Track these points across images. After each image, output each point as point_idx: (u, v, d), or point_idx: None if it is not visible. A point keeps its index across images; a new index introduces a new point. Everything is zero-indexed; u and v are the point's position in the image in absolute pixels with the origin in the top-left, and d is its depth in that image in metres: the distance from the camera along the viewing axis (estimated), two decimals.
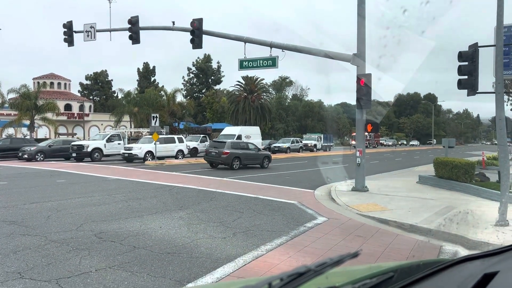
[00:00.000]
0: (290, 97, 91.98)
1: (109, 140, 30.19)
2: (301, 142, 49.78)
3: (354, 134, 67.86)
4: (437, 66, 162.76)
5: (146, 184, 15.24)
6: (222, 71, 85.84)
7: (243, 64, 17.37)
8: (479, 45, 9.32)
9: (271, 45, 16.08)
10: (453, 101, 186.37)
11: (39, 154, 28.44)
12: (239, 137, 36.79)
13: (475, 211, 9.88)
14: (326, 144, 55.42)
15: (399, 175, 20.83)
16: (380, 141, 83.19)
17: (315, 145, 51.74)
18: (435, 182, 15.26)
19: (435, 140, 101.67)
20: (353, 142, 65.05)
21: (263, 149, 41.11)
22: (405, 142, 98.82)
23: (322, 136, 56.63)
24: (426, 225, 8.39)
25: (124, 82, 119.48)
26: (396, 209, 10.44)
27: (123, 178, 17.15)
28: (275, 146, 44.56)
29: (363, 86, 13.17)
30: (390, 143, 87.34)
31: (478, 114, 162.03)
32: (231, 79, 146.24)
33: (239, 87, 64.68)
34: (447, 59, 25.69)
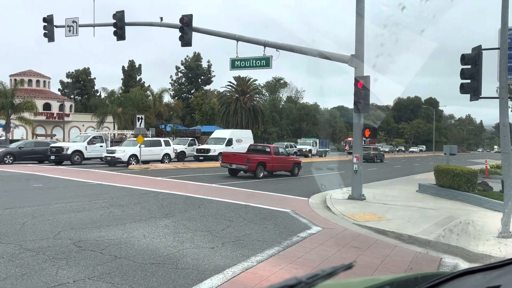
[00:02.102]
0: (285, 99, 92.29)
1: (91, 142, 30.00)
2: (295, 147, 49.88)
3: (348, 139, 68.51)
4: (439, 69, 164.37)
5: (129, 189, 15.15)
6: (213, 71, 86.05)
7: (235, 63, 17.38)
8: (482, 47, 9.43)
9: (265, 44, 16.13)
10: (456, 106, 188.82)
11: (7, 157, 28.06)
12: (230, 141, 36.79)
13: (477, 222, 9.96)
14: (321, 149, 55.61)
15: (398, 183, 20.95)
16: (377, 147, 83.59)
17: (310, 151, 51.84)
18: (436, 191, 15.37)
19: (423, 146, 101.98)
20: (347, 148, 65.65)
21: None
22: (403, 149, 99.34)
23: (317, 141, 56.83)
24: (425, 236, 8.44)
25: (108, 80, 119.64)
26: (394, 219, 10.48)
27: (105, 183, 17.03)
28: None
29: (361, 88, 13.25)
30: (387, 149, 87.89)
31: (482, 120, 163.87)
32: (222, 79, 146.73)
33: (230, 88, 64.73)
34: (449, 62, 26.07)
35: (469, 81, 9.51)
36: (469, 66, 9.50)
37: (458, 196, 13.95)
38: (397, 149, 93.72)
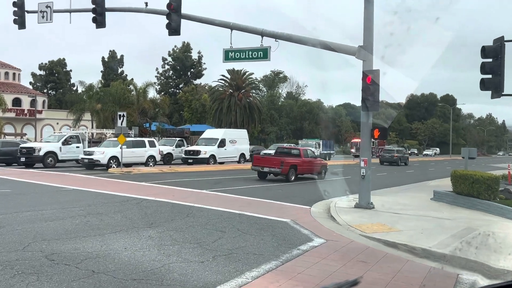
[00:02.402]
0: (284, 95, 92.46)
1: (66, 142, 29.92)
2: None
3: (354, 140, 68.65)
4: (456, 63, 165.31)
5: (109, 196, 15.10)
6: (204, 63, 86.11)
7: (229, 55, 17.37)
8: (505, 39, 9.48)
9: (262, 34, 16.13)
10: (475, 104, 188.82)
11: None
12: (223, 141, 36.81)
13: (498, 234, 10.01)
14: (325, 152, 55.70)
15: (410, 190, 21.00)
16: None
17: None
18: (453, 199, 15.42)
19: (437, 149, 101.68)
20: (353, 150, 65.83)
21: (251, 155, 41.16)
22: (415, 151, 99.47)
23: (320, 142, 56.90)
24: (441, 250, 8.46)
25: (86, 73, 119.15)
26: (406, 230, 10.51)
27: (81, 188, 16.98)
28: (265, 153, 44.58)
29: (370, 84, 13.29)
30: None
31: (504, 120, 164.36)
32: (214, 73, 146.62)
33: (223, 82, 64.75)
34: (468, 54, 26.16)
35: (490, 76, 9.56)
36: (490, 60, 9.55)
37: (477, 204, 14.00)
38: (409, 151, 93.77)
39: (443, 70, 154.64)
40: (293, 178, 23.01)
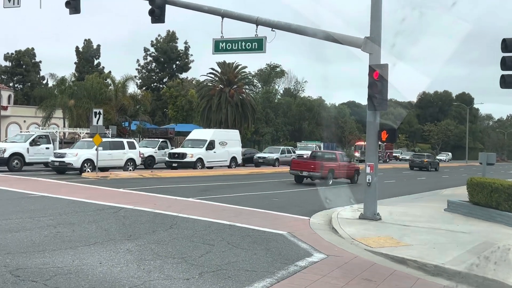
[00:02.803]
0: (281, 92, 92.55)
1: (34, 143, 29.75)
2: (295, 152, 50.01)
3: (358, 143, 68.69)
4: (474, 57, 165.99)
5: (82, 204, 15.04)
6: (191, 55, 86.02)
7: (220, 45, 17.36)
8: None
9: (257, 22, 16.15)
10: (494, 103, 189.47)
11: None
12: (212, 143, 36.76)
13: None
14: None
15: (421, 199, 21.08)
16: (394, 154, 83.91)
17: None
18: (469, 210, 15.49)
19: (449, 154, 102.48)
20: (357, 154, 66.02)
21: (243, 159, 41.21)
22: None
23: (321, 145, 57.07)
24: (455, 267, 8.49)
25: (57, 65, 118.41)
26: (416, 244, 10.53)
27: (51, 195, 16.89)
28: (259, 157, 44.64)
29: (378, 80, 13.33)
30: (407, 157, 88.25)
31: None
32: (202, 66, 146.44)
33: (213, 76, 64.64)
34: (488, 48, 26.26)
35: (511, 72, 9.63)
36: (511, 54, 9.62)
37: (496, 216, 14.06)
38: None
39: (459, 65, 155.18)
40: (330, 182, 25.84)
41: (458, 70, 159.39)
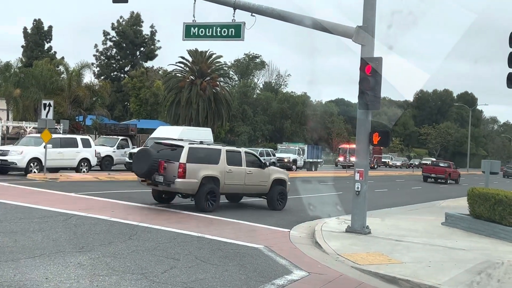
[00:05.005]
0: (261, 86, 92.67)
1: None
2: (274, 155, 50.09)
3: (343, 146, 68.54)
4: (478, 52, 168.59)
5: (27, 209, 14.84)
6: (158, 41, 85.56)
7: (191, 31, 17.29)
8: None
9: (235, 5, 16.12)
10: (500, 105, 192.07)
11: None
12: None
13: None
14: (311, 160, 56.05)
15: (416, 211, 21.30)
16: (383, 159, 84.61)
17: (294, 161, 52.16)
18: (469, 224, 15.69)
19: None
20: (341, 159, 65.94)
21: None
22: (428, 163, 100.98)
23: (305, 147, 57.22)
24: (453, 287, 8.60)
25: (1, 48, 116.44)
26: (410, 262, 10.63)
27: None
28: None
29: (370, 75, 13.42)
30: (398, 163, 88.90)
31: None
32: (171, 54, 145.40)
33: (183, 66, 64.33)
34: (494, 42, 26.68)
35: None
36: None
37: (499, 232, 14.26)
38: (410, 162, 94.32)
39: (462, 61, 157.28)
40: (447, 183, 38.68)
41: (460, 66, 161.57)
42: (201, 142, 18.41)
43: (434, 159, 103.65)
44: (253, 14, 15.91)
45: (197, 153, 17.38)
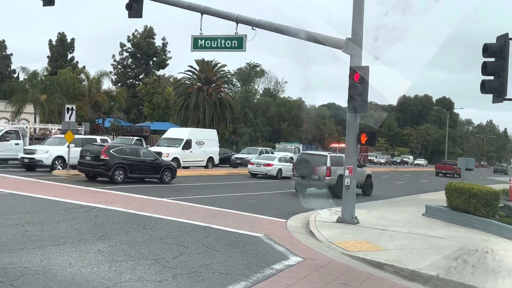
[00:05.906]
0: (261, 92, 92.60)
1: (3, 138, 29.27)
2: (272, 153, 50.07)
3: (333, 145, 68.62)
4: (455, 62, 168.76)
5: (52, 202, 14.85)
6: (169, 51, 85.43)
7: (198, 43, 17.32)
8: (510, 36, 9.70)
9: (237, 20, 16.15)
10: (474, 109, 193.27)
11: None
12: (188, 142, 36.59)
13: (497, 252, 10.26)
14: None
15: (399, 203, 21.30)
16: (369, 157, 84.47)
17: (291, 159, 52.11)
18: (447, 215, 15.71)
19: (423, 159, 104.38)
20: None
21: (220, 159, 41.04)
22: (410, 160, 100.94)
23: (301, 147, 57.21)
24: (432, 272, 8.61)
25: (29, 58, 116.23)
26: (394, 249, 10.66)
27: (19, 192, 16.64)
28: (237, 158, 44.56)
29: (358, 82, 13.44)
30: (382, 161, 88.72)
31: (506, 128, 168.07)
32: (180, 63, 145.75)
33: (191, 74, 64.41)
34: (468, 53, 26.73)
35: (492, 77, 9.77)
36: (492, 59, 9.76)
37: (474, 222, 14.29)
38: (394, 159, 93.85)
39: (440, 69, 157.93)
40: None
41: (438, 74, 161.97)
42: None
43: (410, 156, 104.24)
44: (253, 27, 15.94)
45: (334, 159, 21.83)
